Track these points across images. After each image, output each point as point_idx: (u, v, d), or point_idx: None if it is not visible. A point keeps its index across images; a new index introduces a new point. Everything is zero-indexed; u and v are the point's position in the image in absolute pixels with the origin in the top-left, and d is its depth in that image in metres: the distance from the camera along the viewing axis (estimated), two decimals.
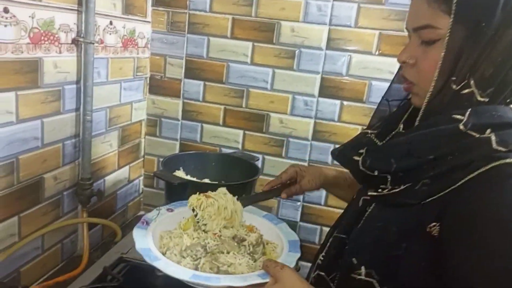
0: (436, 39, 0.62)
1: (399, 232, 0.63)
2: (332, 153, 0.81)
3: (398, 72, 0.76)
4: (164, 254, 0.84)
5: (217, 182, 1.41)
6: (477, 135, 0.58)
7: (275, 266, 0.71)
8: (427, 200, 0.60)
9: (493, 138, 0.57)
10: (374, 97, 1.48)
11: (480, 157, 0.57)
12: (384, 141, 0.72)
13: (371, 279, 0.64)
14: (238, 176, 1.36)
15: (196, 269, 0.80)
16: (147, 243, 0.84)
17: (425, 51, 0.64)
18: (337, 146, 0.87)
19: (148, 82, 1.64)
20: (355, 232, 0.71)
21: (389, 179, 0.66)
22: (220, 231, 0.90)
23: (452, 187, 0.58)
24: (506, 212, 0.53)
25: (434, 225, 0.59)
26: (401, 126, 0.72)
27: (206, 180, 1.44)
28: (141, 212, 1.78)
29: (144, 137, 1.71)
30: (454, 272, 0.56)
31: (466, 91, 0.60)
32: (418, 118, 0.65)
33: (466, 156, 0.58)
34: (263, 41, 1.52)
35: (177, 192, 1.23)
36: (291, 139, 1.59)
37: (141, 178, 1.75)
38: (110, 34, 1.32)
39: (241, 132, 1.63)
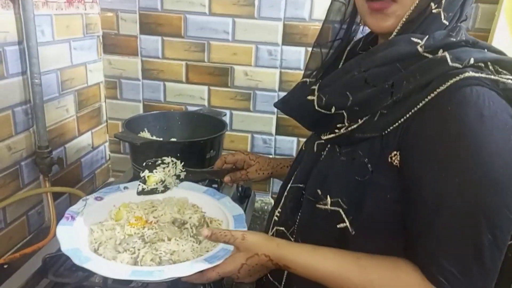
0: None
1: (364, 157, 0.62)
2: (276, 104, 0.77)
3: (330, 8, 0.73)
4: (96, 250, 0.76)
5: (182, 141, 1.37)
6: (431, 56, 0.58)
7: (235, 239, 0.67)
8: (387, 130, 0.59)
9: (447, 56, 0.57)
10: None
11: (437, 76, 0.56)
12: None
13: (337, 208, 0.63)
14: (205, 133, 1.32)
15: (136, 263, 0.73)
16: (75, 242, 0.74)
17: None
18: None
19: (101, 40, 1.54)
20: (316, 168, 0.69)
21: (345, 116, 0.63)
22: (156, 217, 0.86)
23: (412, 111, 0.57)
24: (464, 129, 0.53)
25: (395, 154, 0.58)
26: None
27: (173, 140, 1.40)
28: (111, 179, 1.73)
29: (105, 101, 1.63)
30: (417, 191, 0.57)
31: (435, 11, 0.59)
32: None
33: (423, 78, 0.57)
34: None
35: (142, 154, 1.20)
36: (258, 92, 1.55)
37: (107, 143, 1.69)
38: None
39: (205, 88, 1.58)
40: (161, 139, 1.38)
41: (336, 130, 0.65)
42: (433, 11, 0.59)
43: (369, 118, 0.61)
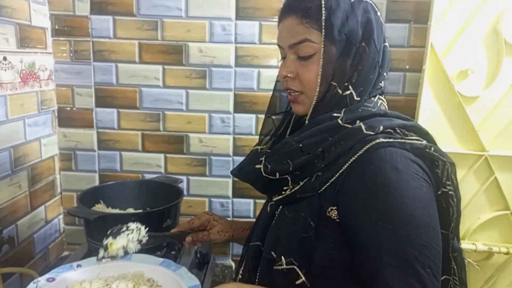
0: (312, 53, 0.72)
1: (307, 216, 0.71)
2: (232, 172, 0.87)
3: (275, 88, 0.86)
4: None
5: (141, 211, 1.38)
6: (350, 126, 0.70)
7: None
8: (323, 188, 0.70)
9: (362, 126, 0.70)
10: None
11: (356, 142, 0.69)
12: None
13: (292, 266, 0.70)
14: (162, 201, 1.33)
15: None
16: None
17: (304, 65, 0.73)
18: None
19: (56, 115, 1.56)
20: (269, 230, 0.77)
21: (289, 180, 0.74)
22: None
23: (340, 172, 0.69)
24: (386, 181, 0.64)
25: (332, 209, 0.69)
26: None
27: (130, 210, 1.40)
28: (65, 253, 1.67)
29: (59, 173, 1.62)
30: (359, 240, 0.65)
31: (347, 92, 0.72)
32: (307, 121, 0.75)
33: (346, 144, 0.69)
34: (173, 63, 1.53)
35: (97, 228, 1.19)
36: (213, 157, 1.60)
37: (61, 216, 1.65)
38: (6, 70, 1.24)
39: (162, 155, 1.62)
40: (117, 209, 1.37)
41: (283, 192, 0.75)
42: (345, 94, 0.72)
43: (308, 180, 0.72)
